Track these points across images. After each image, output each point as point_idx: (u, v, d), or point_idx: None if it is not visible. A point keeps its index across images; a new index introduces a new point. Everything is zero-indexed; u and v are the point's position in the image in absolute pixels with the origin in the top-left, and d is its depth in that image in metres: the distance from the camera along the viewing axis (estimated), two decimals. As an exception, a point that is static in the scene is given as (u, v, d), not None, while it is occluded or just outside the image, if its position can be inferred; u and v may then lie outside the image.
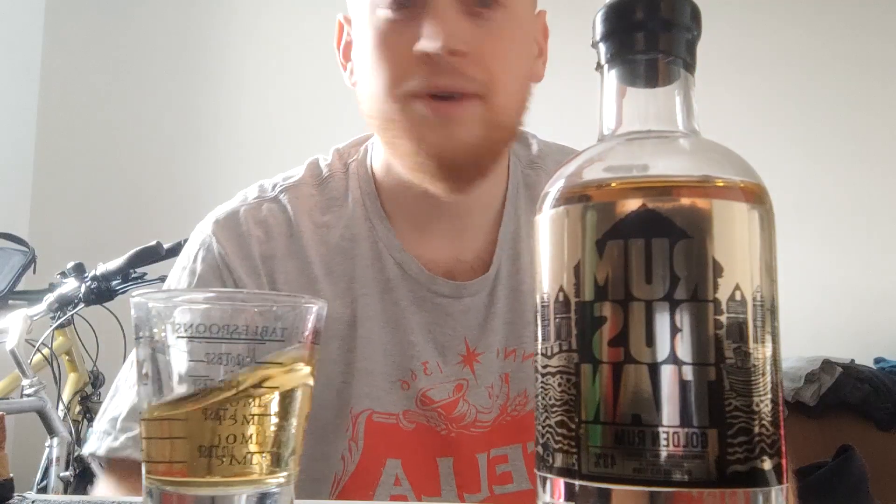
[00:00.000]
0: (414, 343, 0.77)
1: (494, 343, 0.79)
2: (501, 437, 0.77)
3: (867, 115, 2.82)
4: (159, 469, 0.41)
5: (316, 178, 0.83)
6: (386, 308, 0.78)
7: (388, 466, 0.75)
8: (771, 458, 0.32)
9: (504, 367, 0.79)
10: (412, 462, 0.76)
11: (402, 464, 0.75)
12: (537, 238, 0.37)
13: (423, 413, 0.76)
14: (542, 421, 0.35)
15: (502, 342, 0.79)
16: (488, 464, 0.77)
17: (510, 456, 0.77)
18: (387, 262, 0.78)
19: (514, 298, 0.80)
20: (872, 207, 2.78)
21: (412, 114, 0.70)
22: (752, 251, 0.33)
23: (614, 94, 0.38)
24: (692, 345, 0.32)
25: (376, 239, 0.79)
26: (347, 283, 0.78)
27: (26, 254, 2.08)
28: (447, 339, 0.78)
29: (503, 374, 0.78)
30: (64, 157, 3.06)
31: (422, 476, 0.75)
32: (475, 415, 0.77)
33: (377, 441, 0.75)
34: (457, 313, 0.79)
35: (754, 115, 2.78)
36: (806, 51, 2.86)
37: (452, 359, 0.78)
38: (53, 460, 1.73)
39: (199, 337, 0.40)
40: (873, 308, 2.71)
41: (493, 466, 0.77)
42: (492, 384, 0.78)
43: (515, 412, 0.78)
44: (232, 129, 3.06)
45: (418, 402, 0.76)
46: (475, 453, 0.77)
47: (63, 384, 2.00)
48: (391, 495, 0.74)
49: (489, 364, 0.78)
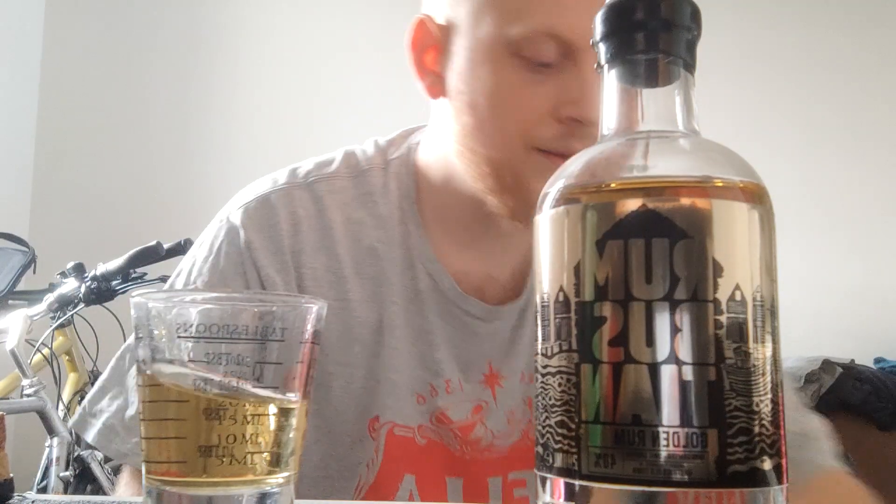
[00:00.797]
0: (439, 360, 0.75)
1: (518, 367, 0.78)
2: (521, 461, 0.76)
3: (867, 115, 2.82)
4: (159, 469, 0.41)
5: (353, 169, 0.79)
6: (412, 319, 0.76)
7: (404, 482, 0.74)
8: (771, 458, 0.32)
9: (528, 391, 0.77)
10: (425, 479, 0.75)
11: (416, 480, 0.74)
12: (537, 238, 0.37)
13: (436, 430, 0.75)
14: (542, 421, 0.35)
15: (527, 367, 0.77)
16: (504, 486, 0.76)
17: (528, 480, 0.76)
18: (419, 271, 0.76)
19: None
20: (872, 207, 2.78)
21: (533, 165, 0.67)
22: (752, 251, 0.33)
23: (614, 94, 0.38)
24: (692, 345, 0.32)
25: (410, 246, 0.76)
26: (375, 288, 0.75)
27: (26, 254, 2.08)
28: (472, 358, 0.77)
29: (526, 397, 0.77)
30: (64, 157, 3.06)
31: (432, 494, 0.74)
32: (491, 439, 0.76)
33: (396, 455, 0.74)
34: (484, 335, 0.77)
35: (754, 115, 2.78)
36: (806, 50, 2.86)
37: (475, 377, 0.77)
38: (53, 460, 1.73)
39: (199, 337, 0.40)
40: (873, 308, 2.71)
41: (509, 490, 0.76)
42: (513, 409, 0.77)
43: None
44: (232, 129, 3.06)
45: (433, 419, 0.75)
46: (487, 477, 0.76)
47: (63, 384, 2.01)
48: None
49: (511, 388, 0.77)
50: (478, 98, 0.70)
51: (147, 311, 0.41)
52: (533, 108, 0.67)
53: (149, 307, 0.41)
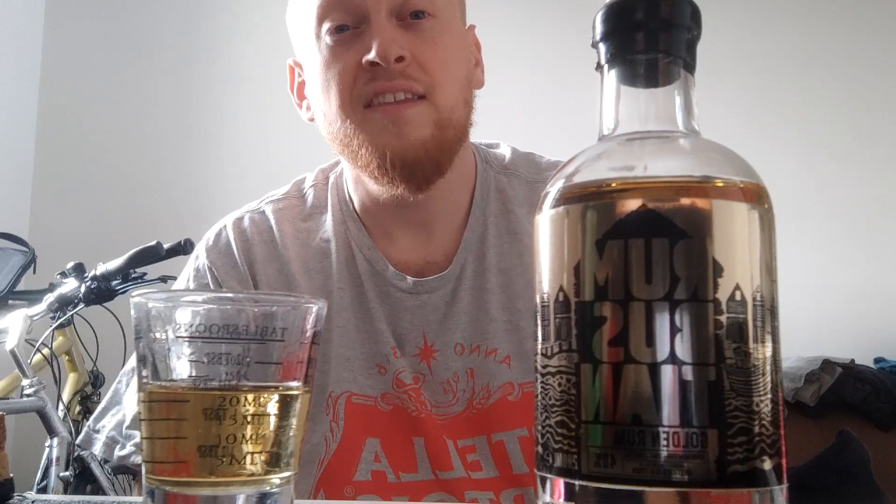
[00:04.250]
0: (382, 331, 0.84)
1: (453, 340, 0.84)
2: (468, 429, 0.82)
3: (867, 115, 2.82)
4: (159, 469, 0.41)
5: (300, 191, 0.93)
6: (356, 300, 0.85)
7: (367, 445, 0.81)
8: (771, 458, 0.32)
9: (468, 362, 0.83)
10: (390, 441, 0.82)
11: (380, 443, 0.82)
12: (537, 238, 0.37)
13: (397, 395, 0.83)
14: (542, 421, 0.35)
15: (466, 338, 0.84)
16: (458, 451, 0.82)
17: (477, 446, 0.82)
18: (358, 259, 0.86)
19: (478, 296, 0.85)
20: (872, 207, 2.78)
21: (370, 124, 0.78)
22: (752, 251, 0.33)
23: (614, 94, 0.38)
24: (692, 345, 0.32)
25: (349, 238, 0.87)
26: (323, 280, 0.86)
27: (26, 254, 2.08)
28: (405, 332, 0.84)
29: (468, 368, 0.83)
30: (64, 157, 3.06)
31: (399, 454, 0.81)
32: (430, 408, 0.83)
33: (357, 421, 0.82)
34: (413, 307, 0.84)
35: (754, 115, 2.78)
36: (806, 51, 2.85)
37: (410, 351, 0.84)
38: (53, 460, 1.73)
39: (199, 337, 0.40)
40: (873, 308, 2.71)
41: (463, 455, 0.82)
42: (448, 380, 0.83)
43: (480, 405, 0.83)
44: (232, 129, 3.06)
45: (394, 385, 0.83)
46: (443, 436, 0.82)
47: (63, 384, 2.00)
48: (372, 471, 0.81)
49: (446, 360, 0.83)
50: (317, 89, 0.81)
51: (147, 312, 0.41)
52: (347, 70, 0.78)
53: (149, 307, 0.41)
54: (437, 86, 0.78)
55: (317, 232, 0.89)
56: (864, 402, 2.27)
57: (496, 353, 0.83)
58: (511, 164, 0.92)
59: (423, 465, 0.81)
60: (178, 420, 0.40)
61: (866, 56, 2.83)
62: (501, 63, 3.00)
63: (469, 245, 0.86)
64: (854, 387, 2.28)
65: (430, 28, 0.79)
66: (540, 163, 0.92)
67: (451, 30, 0.82)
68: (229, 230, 0.89)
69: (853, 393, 2.28)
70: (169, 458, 0.40)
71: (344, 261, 0.86)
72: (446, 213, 0.87)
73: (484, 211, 0.88)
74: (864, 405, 2.27)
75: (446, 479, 0.80)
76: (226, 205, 1.06)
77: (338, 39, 0.78)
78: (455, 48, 0.82)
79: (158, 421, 0.41)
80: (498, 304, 0.84)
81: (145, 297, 0.42)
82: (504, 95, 2.92)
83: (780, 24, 2.87)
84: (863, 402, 2.27)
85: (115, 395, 0.87)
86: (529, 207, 0.87)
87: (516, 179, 0.90)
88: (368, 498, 0.80)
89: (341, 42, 0.78)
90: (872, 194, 2.79)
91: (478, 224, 0.87)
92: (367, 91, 0.77)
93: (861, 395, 2.27)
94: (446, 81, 0.79)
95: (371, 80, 0.76)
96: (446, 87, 0.79)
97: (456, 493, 0.80)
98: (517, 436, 0.81)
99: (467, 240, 0.86)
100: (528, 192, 0.89)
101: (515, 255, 0.85)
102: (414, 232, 0.87)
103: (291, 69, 0.92)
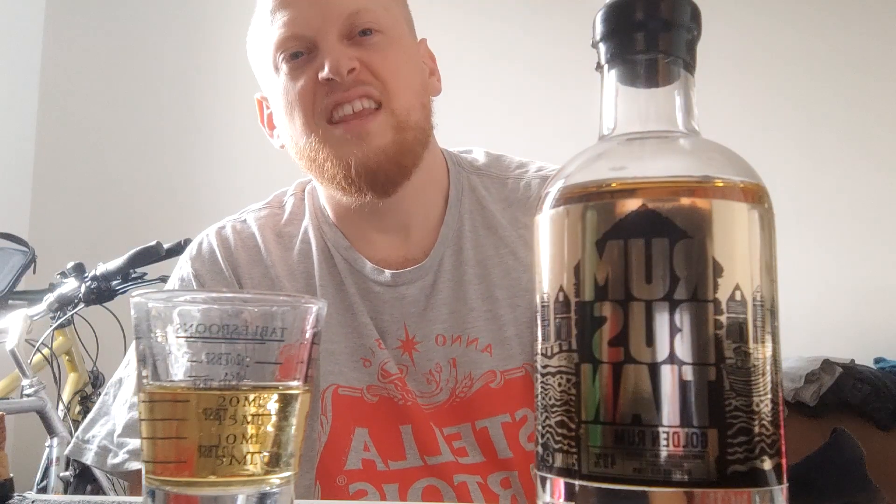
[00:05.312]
0: (365, 324, 0.87)
1: (433, 331, 0.87)
2: (453, 417, 0.85)
3: (867, 115, 2.82)
4: (159, 469, 0.41)
5: (280, 202, 0.98)
6: (338, 297, 0.88)
7: (356, 434, 0.84)
8: (771, 458, 0.32)
9: (450, 352, 0.86)
10: (378, 430, 0.85)
11: (368, 432, 0.85)
12: (537, 238, 0.37)
13: (383, 386, 0.85)
14: (542, 421, 0.35)
15: (447, 329, 0.87)
16: (444, 438, 0.85)
17: (462, 433, 0.85)
18: (337, 259, 0.90)
19: (457, 288, 0.88)
20: (872, 207, 2.78)
21: (334, 138, 0.82)
22: (752, 251, 0.33)
23: (614, 94, 0.38)
24: (692, 345, 0.32)
25: (327, 241, 0.91)
26: (307, 280, 0.90)
27: (26, 254, 2.08)
28: (386, 325, 0.87)
29: (450, 358, 0.86)
30: (64, 157, 3.06)
31: (387, 443, 0.84)
32: (415, 398, 0.85)
33: (344, 412, 0.85)
34: (393, 300, 0.87)
35: (754, 115, 2.78)
36: (806, 51, 2.85)
37: (393, 343, 0.87)
38: (53, 460, 1.73)
39: (199, 337, 0.40)
40: (873, 308, 2.71)
41: (450, 441, 0.85)
42: (430, 370, 0.86)
43: (462, 394, 0.86)
44: (232, 129, 3.05)
45: (379, 377, 0.86)
46: (430, 422, 0.85)
47: (63, 384, 2.00)
48: (362, 459, 0.84)
49: (427, 352, 0.86)
50: (282, 114, 0.86)
51: (147, 312, 0.41)
52: (306, 88, 0.83)
53: (149, 307, 0.41)
54: (391, 91, 0.82)
55: (297, 236, 0.93)
56: (864, 402, 2.27)
57: (477, 343, 0.85)
58: (483, 166, 0.96)
59: (412, 452, 0.84)
60: (178, 420, 0.40)
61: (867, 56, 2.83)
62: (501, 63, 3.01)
63: (446, 240, 0.90)
64: (854, 387, 2.28)
65: (379, 42, 0.84)
66: (510, 163, 0.96)
67: (400, 42, 0.87)
68: (211, 238, 0.93)
69: (853, 393, 2.28)
70: (169, 458, 0.40)
71: (324, 261, 0.90)
72: (420, 215, 0.91)
73: (459, 208, 0.92)
74: (864, 405, 2.27)
75: (435, 464, 0.83)
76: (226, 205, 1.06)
77: (294, 65, 0.84)
78: (405, 57, 0.87)
79: (159, 421, 0.41)
80: (476, 295, 0.87)
81: (145, 297, 0.42)
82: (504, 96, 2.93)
83: (780, 25, 2.87)
84: (863, 402, 2.27)
85: (103, 406, 0.89)
86: (503, 203, 0.92)
87: (488, 178, 0.94)
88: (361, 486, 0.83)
89: (297, 66, 0.83)
90: (872, 194, 2.79)
91: (454, 220, 0.91)
92: (326, 104, 0.82)
93: (861, 395, 2.27)
94: (399, 87, 0.83)
95: (329, 93, 0.81)
96: (400, 92, 0.83)
97: (445, 478, 0.83)
98: (500, 422, 0.84)
99: (444, 235, 0.90)
100: (500, 189, 0.93)
101: (492, 248, 0.89)
102: (391, 234, 0.90)
103: (260, 103, 0.97)
